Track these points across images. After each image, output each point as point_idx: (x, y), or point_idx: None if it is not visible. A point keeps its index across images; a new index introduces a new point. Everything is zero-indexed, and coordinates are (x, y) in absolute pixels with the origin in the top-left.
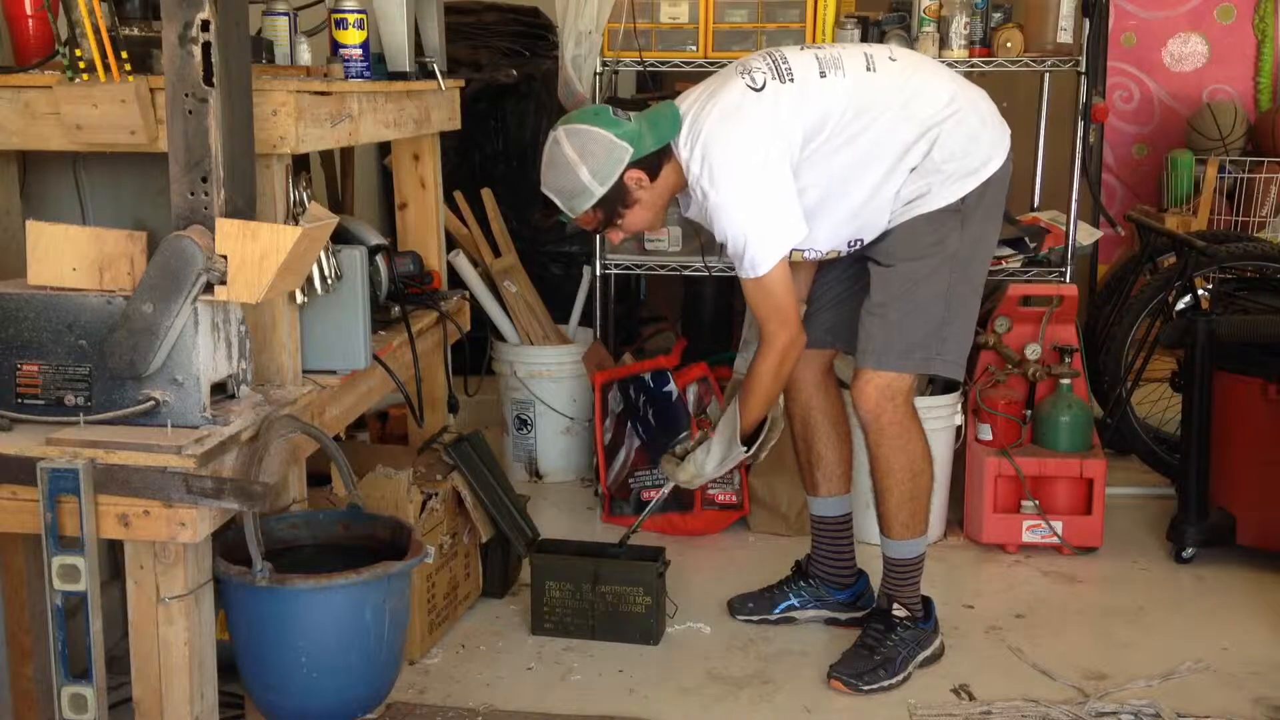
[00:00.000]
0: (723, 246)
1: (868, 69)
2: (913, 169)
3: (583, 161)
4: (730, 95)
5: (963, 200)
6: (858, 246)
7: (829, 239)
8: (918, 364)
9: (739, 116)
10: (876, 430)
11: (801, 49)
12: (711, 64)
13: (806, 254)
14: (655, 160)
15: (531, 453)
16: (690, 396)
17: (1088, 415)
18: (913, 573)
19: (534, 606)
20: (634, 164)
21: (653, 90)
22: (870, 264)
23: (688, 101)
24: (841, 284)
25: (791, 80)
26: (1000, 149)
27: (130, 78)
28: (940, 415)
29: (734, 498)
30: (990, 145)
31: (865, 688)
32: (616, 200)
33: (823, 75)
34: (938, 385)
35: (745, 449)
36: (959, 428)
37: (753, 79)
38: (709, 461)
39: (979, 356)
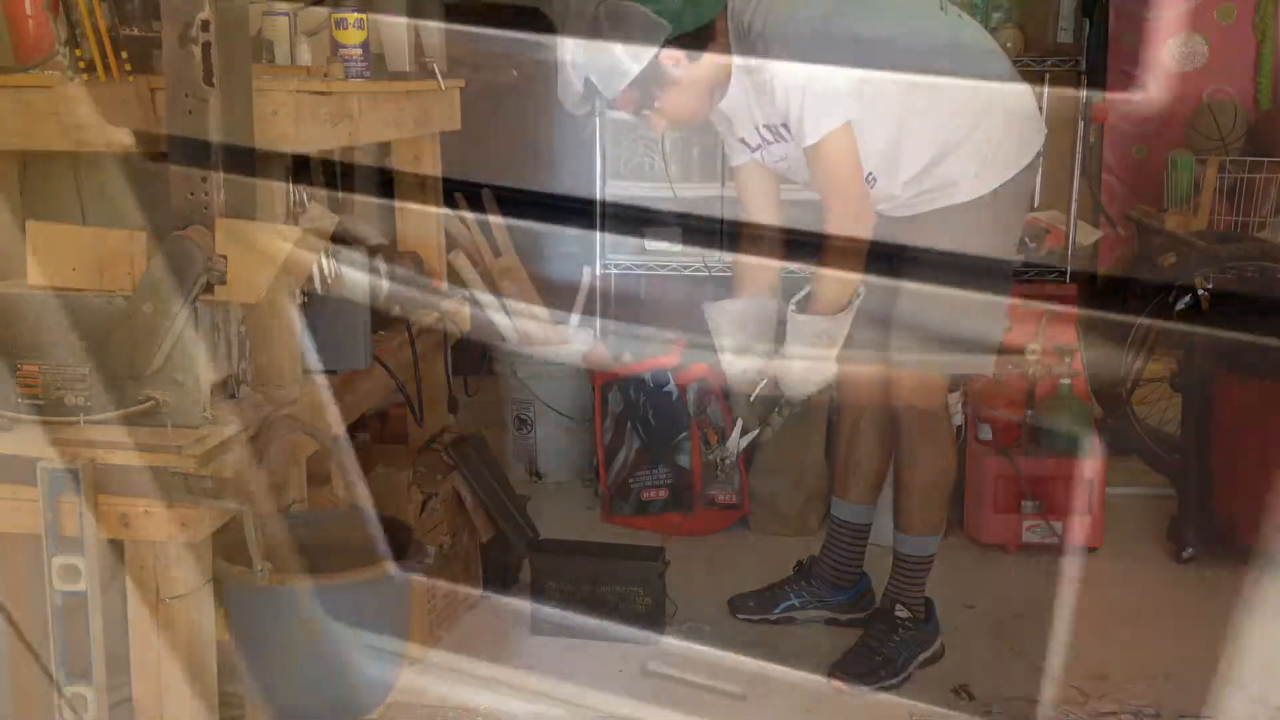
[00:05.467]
0: (779, 133)
1: (940, 8)
2: (952, 145)
3: (617, 38)
4: None
5: (994, 193)
6: (870, 186)
7: None
8: (958, 363)
9: None
10: (910, 419)
11: None
12: None
13: None
14: (696, 42)
15: (531, 453)
16: (690, 396)
17: (1088, 415)
18: (921, 572)
19: (534, 607)
20: (671, 42)
21: None
22: (903, 262)
23: None
24: (887, 291)
25: None
26: (1033, 145)
27: (130, 78)
28: None
29: (734, 498)
30: (1026, 139)
31: (866, 687)
32: (652, 81)
33: None
34: None
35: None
36: (959, 428)
37: None
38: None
39: None
